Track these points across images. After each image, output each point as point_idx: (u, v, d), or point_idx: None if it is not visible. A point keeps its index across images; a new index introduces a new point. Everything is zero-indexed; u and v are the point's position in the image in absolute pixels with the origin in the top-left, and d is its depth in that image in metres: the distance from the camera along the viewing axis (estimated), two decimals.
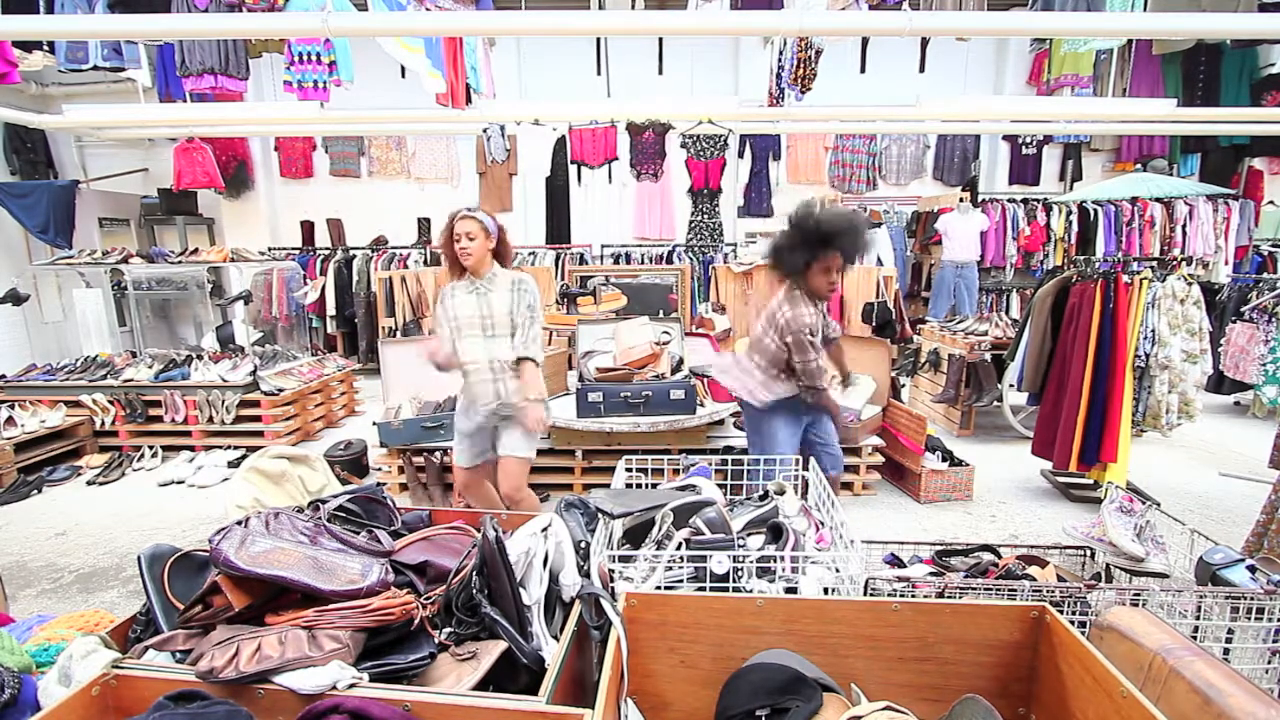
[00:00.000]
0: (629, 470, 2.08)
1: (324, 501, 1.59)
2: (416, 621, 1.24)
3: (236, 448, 4.68)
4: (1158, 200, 6.71)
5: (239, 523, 1.35)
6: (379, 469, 4.00)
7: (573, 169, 7.19)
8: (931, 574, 1.95)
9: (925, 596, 1.75)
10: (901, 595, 1.75)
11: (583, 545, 1.52)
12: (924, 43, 5.50)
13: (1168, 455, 4.55)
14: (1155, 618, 1.27)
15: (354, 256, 7.38)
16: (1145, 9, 4.58)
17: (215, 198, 7.61)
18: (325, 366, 5.60)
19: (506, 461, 2.68)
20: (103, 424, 4.74)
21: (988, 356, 4.87)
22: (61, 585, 2.96)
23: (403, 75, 5.02)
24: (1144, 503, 2.15)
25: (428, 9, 4.29)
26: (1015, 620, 1.21)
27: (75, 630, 1.47)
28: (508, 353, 2.61)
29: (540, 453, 3.79)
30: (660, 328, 3.97)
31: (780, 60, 4.80)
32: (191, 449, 4.75)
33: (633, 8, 5.24)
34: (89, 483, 4.25)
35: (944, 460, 3.87)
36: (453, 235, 2.56)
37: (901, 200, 7.96)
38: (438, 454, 3.76)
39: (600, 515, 1.64)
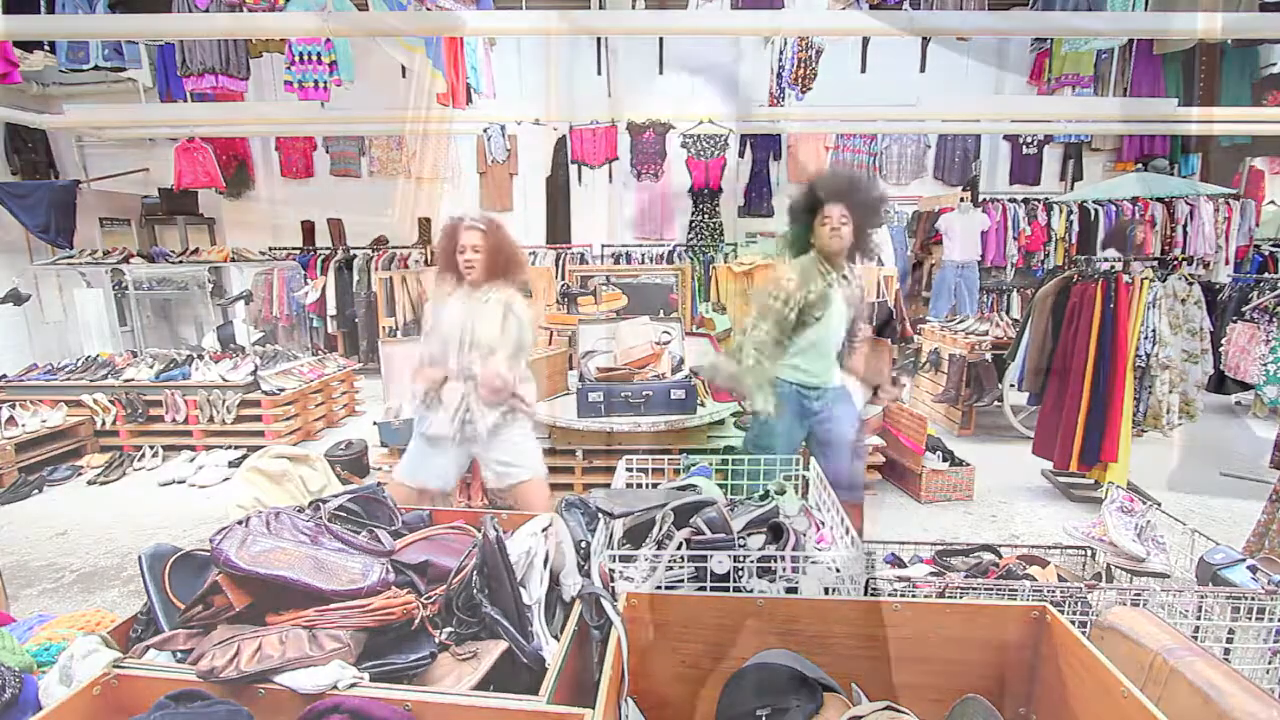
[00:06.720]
0: (629, 470, 2.08)
1: (324, 501, 1.58)
2: (417, 621, 1.24)
3: (237, 447, 4.68)
4: (1159, 200, 6.70)
5: (240, 522, 1.35)
6: (379, 469, 4.00)
7: (573, 169, 7.19)
8: (932, 574, 1.95)
9: (926, 596, 1.74)
10: (902, 595, 1.75)
11: (583, 545, 1.52)
12: (924, 43, 5.50)
13: (1168, 455, 4.55)
14: (1156, 618, 1.26)
15: (354, 256, 7.38)
16: (1146, 9, 4.58)
17: (216, 198, 7.62)
18: (326, 366, 5.60)
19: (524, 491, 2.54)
20: (103, 424, 4.73)
21: (988, 356, 4.86)
22: (62, 585, 2.96)
23: (403, 75, 5.03)
24: (1145, 503, 2.15)
25: (428, 9, 4.30)
26: (1016, 620, 1.21)
27: (76, 630, 1.46)
28: (478, 368, 2.44)
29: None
30: (660, 327, 3.97)
31: (780, 60, 4.80)
32: (192, 449, 4.75)
33: (633, 8, 5.23)
34: (90, 482, 4.24)
35: (944, 460, 3.86)
36: (456, 245, 2.44)
37: (902, 200, 7.94)
38: None
39: (600, 515, 1.64)
